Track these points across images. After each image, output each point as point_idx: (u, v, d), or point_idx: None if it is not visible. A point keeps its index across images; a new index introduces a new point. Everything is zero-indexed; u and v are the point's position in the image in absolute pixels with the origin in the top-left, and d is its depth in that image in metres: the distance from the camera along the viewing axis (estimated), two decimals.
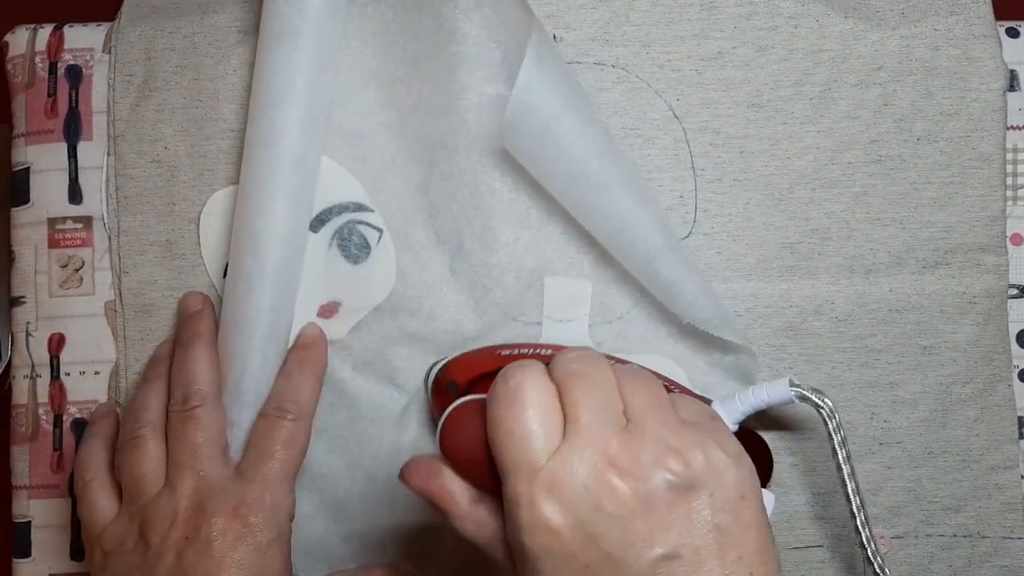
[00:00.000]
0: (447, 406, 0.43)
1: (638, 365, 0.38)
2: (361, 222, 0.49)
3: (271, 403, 0.46)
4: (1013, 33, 0.51)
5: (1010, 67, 0.50)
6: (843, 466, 0.44)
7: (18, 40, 0.52)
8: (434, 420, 0.48)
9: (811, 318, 0.49)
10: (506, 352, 0.46)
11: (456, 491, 0.35)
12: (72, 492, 0.50)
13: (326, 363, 0.48)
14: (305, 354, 0.47)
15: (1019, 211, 0.50)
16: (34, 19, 0.53)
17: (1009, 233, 0.50)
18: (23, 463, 0.51)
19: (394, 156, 0.49)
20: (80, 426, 0.50)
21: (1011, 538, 0.48)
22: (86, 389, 0.50)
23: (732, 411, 0.43)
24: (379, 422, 0.49)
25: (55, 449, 0.50)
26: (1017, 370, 0.50)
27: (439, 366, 0.47)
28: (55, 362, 0.51)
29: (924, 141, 0.49)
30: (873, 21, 0.50)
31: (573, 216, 0.47)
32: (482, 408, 0.33)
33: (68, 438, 0.50)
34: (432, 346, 0.49)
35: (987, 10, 0.50)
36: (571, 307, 0.48)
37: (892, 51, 0.50)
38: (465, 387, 0.46)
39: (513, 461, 0.31)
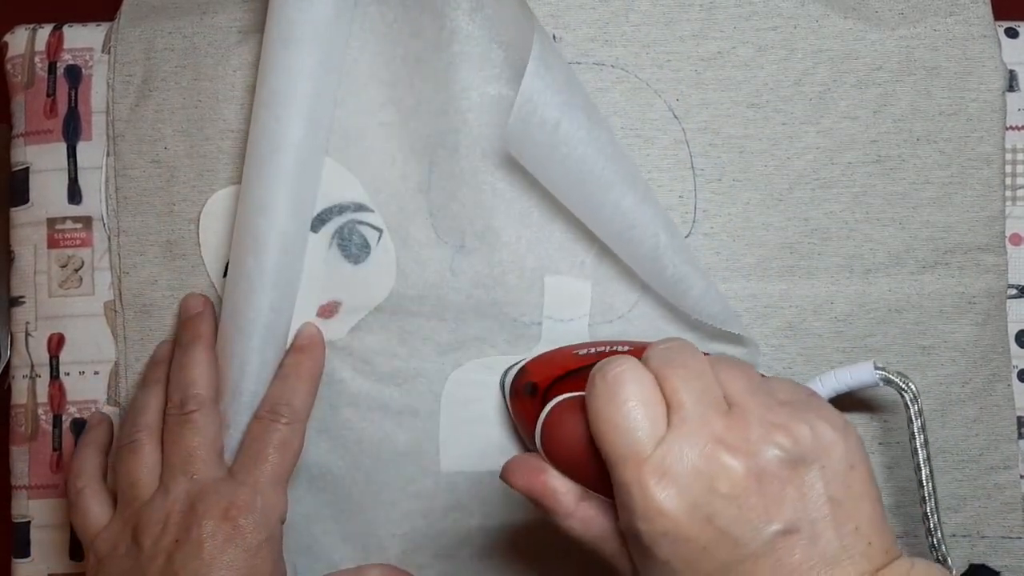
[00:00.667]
0: (529, 409, 0.44)
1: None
2: (361, 222, 0.49)
3: (265, 406, 0.46)
4: (1012, 33, 0.51)
5: (1009, 67, 0.50)
6: (920, 451, 0.44)
7: (17, 40, 0.52)
8: (514, 423, 0.48)
9: (810, 318, 0.49)
10: (583, 351, 0.46)
11: (561, 489, 0.35)
12: None
13: (323, 366, 0.48)
14: (301, 357, 0.47)
15: (1018, 211, 0.50)
16: (33, 19, 0.53)
17: (1008, 233, 0.50)
18: (22, 463, 0.50)
19: (394, 156, 0.49)
20: (79, 426, 0.50)
21: (1010, 537, 0.49)
22: (85, 389, 0.50)
23: None
24: (379, 422, 0.49)
25: (54, 449, 0.50)
26: (1016, 370, 0.50)
27: (515, 369, 0.47)
28: (54, 362, 0.51)
29: (923, 141, 0.49)
30: (872, 21, 0.50)
31: (578, 217, 0.47)
32: (580, 406, 0.33)
33: (67, 438, 0.50)
34: (432, 346, 0.49)
35: (986, 10, 0.50)
36: (571, 307, 0.48)
37: (891, 51, 0.50)
38: (544, 389, 0.45)
39: (621, 451, 0.31)
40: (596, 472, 0.33)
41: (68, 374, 0.51)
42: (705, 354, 0.35)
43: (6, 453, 0.51)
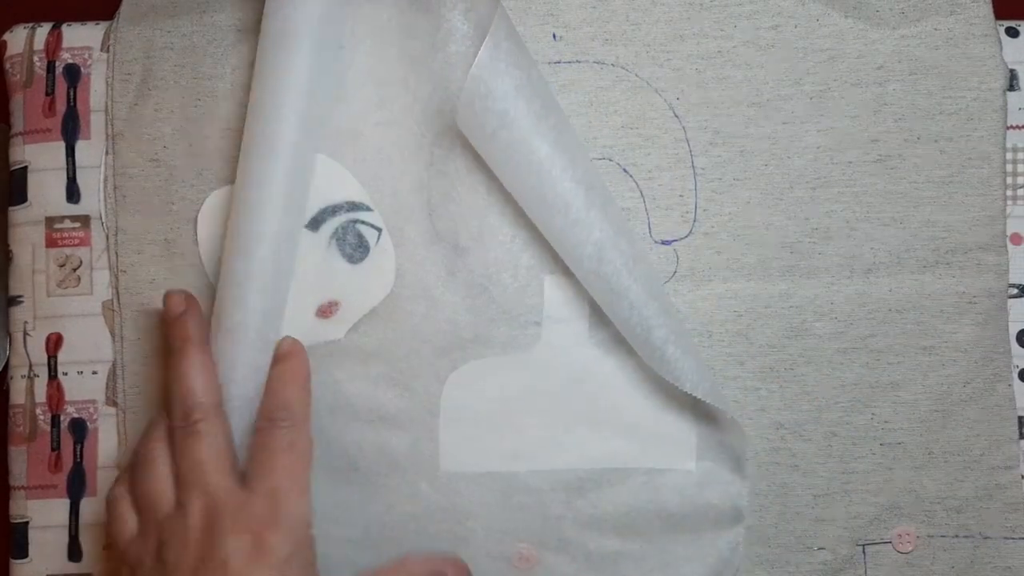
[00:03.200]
0: None
1: None
2: (360, 222, 0.49)
3: (262, 417, 0.44)
4: (1013, 33, 0.51)
5: (1010, 67, 0.50)
6: None
7: (16, 39, 0.52)
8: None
9: (811, 318, 0.49)
10: None
11: None
12: (70, 493, 0.50)
13: (309, 368, 0.47)
14: (285, 364, 0.46)
15: (1019, 211, 0.50)
16: (32, 18, 0.53)
17: (1009, 233, 0.50)
18: (21, 463, 0.50)
19: (391, 155, 0.49)
20: (78, 426, 0.50)
21: (1013, 538, 0.48)
22: (84, 389, 0.50)
23: None
24: (377, 424, 0.49)
25: (53, 449, 0.50)
26: (1017, 370, 0.50)
27: None
28: (53, 362, 0.50)
29: (924, 140, 0.49)
30: (873, 20, 0.50)
31: (521, 206, 0.47)
32: None
33: (66, 438, 0.50)
34: (429, 347, 0.49)
35: (987, 10, 0.50)
36: (571, 307, 0.48)
37: (891, 50, 0.50)
38: None
39: None
40: None
41: (66, 374, 0.50)
42: None
43: (6, 453, 0.51)
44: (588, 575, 0.48)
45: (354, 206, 0.49)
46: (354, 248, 0.49)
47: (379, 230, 0.49)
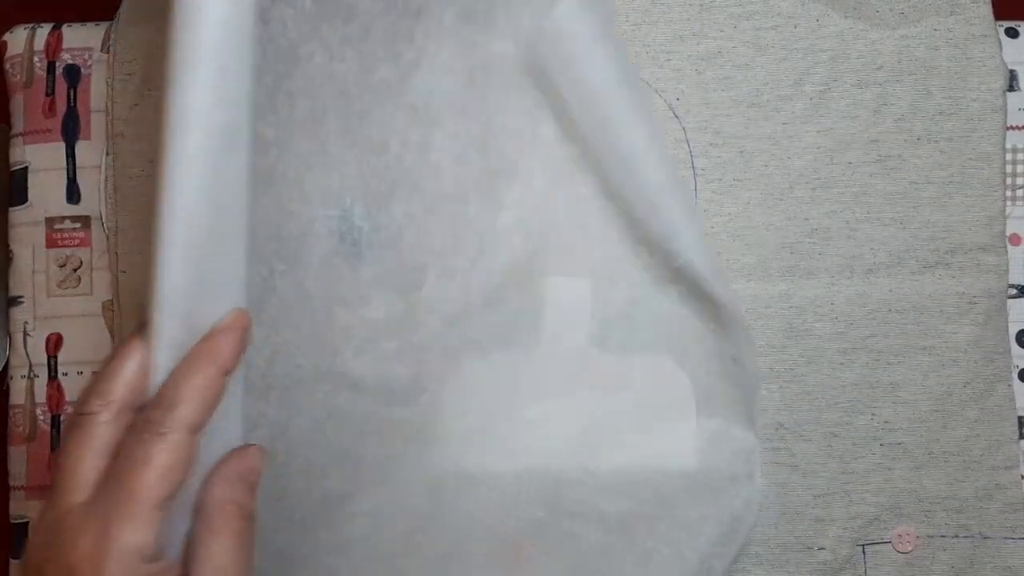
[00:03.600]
0: None
1: None
2: (361, 220, 0.49)
3: (141, 414, 0.35)
4: (1013, 33, 0.51)
5: (1010, 67, 0.50)
6: None
7: (16, 39, 0.52)
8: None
9: (811, 318, 0.49)
10: None
11: None
12: None
13: (234, 354, 0.36)
14: (199, 347, 0.36)
15: (1019, 211, 0.50)
16: (32, 18, 0.53)
17: (1008, 233, 0.50)
18: (21, 463, 0.50)
19: (391, 155, 0.49)
20: None
21: (1013, 538, 0.48)
22: None
23: None
24: (377, 424, 0.49)
25: (53, 449, 0.50)
26: (1017, 370, 0.50)
27: None
28: (53, 362, 0.50)
29: (924, 141, 0.49)
30: (872, 20, 0.50)
31: (590, 142, 0.46)
32: None
33: None
34: (433, 347, 0.48)
35: (987, 10, 0.50)
36: (571, 306, 0.48)
37: (891, 50, 0.50)
38: None
39: None
40: None
41: (66, 374, 0.50)
42: None
43: (6, 453, 0.51)
44: (602, 538, 0.48)
45: (354, 205, 0.49)
46: (355, 248, 0.49)
47: (379, 230, 0.49)
